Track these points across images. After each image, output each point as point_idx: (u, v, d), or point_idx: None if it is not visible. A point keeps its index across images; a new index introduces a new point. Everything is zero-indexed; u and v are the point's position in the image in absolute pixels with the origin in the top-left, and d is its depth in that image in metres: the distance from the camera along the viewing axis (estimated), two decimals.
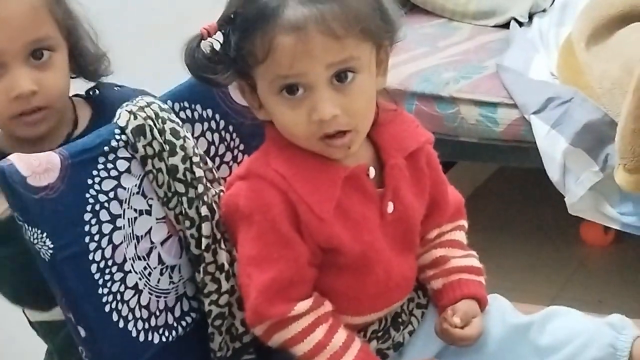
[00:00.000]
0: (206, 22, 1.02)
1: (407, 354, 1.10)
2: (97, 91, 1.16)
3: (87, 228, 0.97)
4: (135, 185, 1.01)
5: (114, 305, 0.98)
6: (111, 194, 0.99)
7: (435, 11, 2.35)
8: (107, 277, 0.98)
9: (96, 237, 0.97)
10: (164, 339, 1.03)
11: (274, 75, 0.96)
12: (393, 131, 1.07)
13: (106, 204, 0.99)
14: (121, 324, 0.99)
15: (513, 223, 2.37)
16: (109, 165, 1.00)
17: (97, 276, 0.97)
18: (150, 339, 1.02)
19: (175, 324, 1.05)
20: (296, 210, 1.00)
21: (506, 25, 2.23)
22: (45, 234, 0.94)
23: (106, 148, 1.00)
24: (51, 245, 0.94)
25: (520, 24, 2.20)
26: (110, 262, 0.98)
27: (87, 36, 1.11)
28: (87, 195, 0.98)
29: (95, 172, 0.99)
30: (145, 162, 1.01)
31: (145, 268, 1.01)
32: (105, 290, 0.98)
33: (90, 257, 0.97)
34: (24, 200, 0.93)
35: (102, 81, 1.16)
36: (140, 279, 1.01)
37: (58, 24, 1.06)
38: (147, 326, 1.01)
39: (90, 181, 0.98)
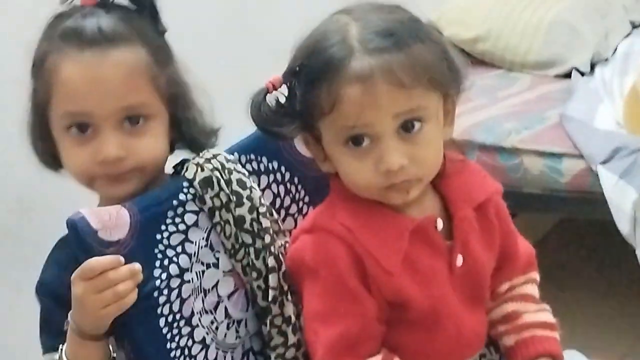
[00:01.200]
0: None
1: None
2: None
3: (157, 283, 0.97)
4: (203, 239, 1.01)
5: None
6: (179, 249, 0.99)
7: (494, 62, 2.34)
8: (175, 331, 0.97)
9: (165, 292, 0.97)
10: None
11: (340, 126, 0.96)
12: (461, 182, 1.05)
13: (175, 259, 0.99)
14: None
15: (578, 276, 2.30)
16: (177, 220, 1.00)
17: (165, 330, 0.97)
18: None
19: None
20: (363, 263, 0.98)
21: (567, 75, 2.21)
22: None
23: (175, 202, 1.00)
24: None
25: (582, 73, 2.18)
26: (178, 316, 0.98)
27: (195, 107, 1.08)
28: (156, 251, 0.98)
29: (163, 227, 0.99)
30: (213, 213, 1.02)
31: (212, 322, 1.00)
32: (174, 345, 0.97)
33: (159, 311, 0.97)
34: (96, 254, 0.93)
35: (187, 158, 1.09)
36: (207, 333, 1.00)
37: (159, 91, 1.03)
38: None
39: (159, 236, 0.98)
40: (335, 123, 0.96)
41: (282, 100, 1.00)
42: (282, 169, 1.10)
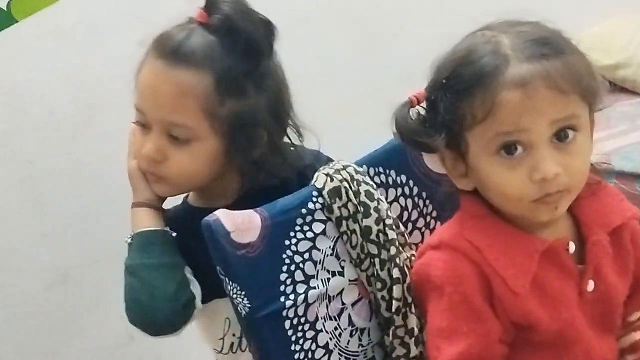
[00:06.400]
0: None
1: None
2: None
3: (282, 288, 1.00)
4: (330, 247, 1.03)
5: None
6: (306, 256, 1.02)
7: (636, 89, 2.26)
8: (300, 334, 1.00)
9: (291, 297, 1.00)
10: None
11: (495, 133, 0.95)
12: (596, 205, 1.03)
13: (301, 265, 1.01)
14: None
15: None
16: (306, 228, 1.03)
17: (290, 333, 0.99)
18: None
19: None
20: (490, 283, 0.97)
21: None
22: (244, 292, 0.98)
23: (304, 210, 1.03)
24: (249, 305, 0.98)
25: None
26: (303, 320, 1.00)
27: (263, 144, 1.12)
28: (284, 256, 1.01)
29: (292, 234, 1.02)
30: (340, 223, 1.03)
31: (336, 329, 1.02)
32: (298, 348, 0.99)
33: (284, 314, 0.99)
34: (227, 255, 0.97)
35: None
36: (331, 339, 1.02)
37: (211, 119, 1.07)
38: None
39: (287, 242, 1.01)
40: (489, 131, 0.95)
41: (423, 114, 1.01)
42: (411, 183, 1.11)
